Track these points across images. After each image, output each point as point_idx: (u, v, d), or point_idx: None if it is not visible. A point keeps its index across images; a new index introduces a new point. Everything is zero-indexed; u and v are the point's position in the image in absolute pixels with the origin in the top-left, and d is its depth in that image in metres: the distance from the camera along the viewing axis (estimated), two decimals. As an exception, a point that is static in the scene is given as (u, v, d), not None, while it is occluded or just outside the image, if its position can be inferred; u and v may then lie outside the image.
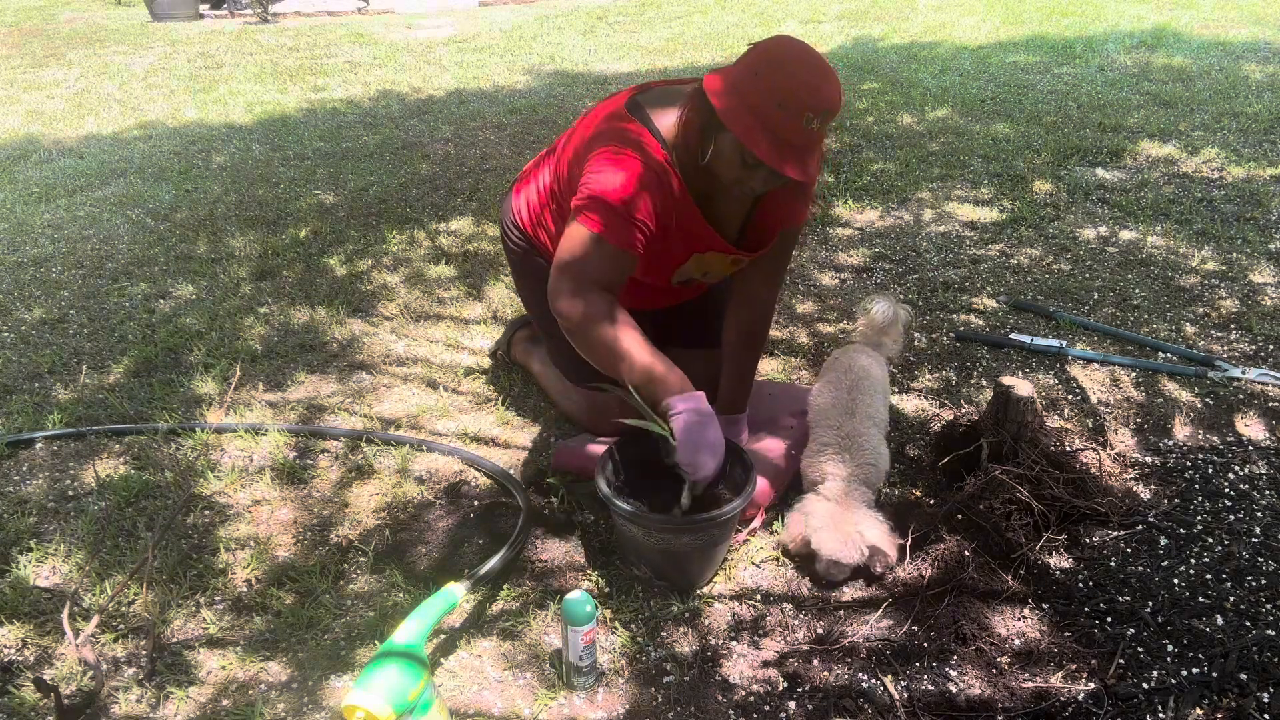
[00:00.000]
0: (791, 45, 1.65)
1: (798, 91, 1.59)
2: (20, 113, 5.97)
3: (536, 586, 1.86)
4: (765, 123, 1.61)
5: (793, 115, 1.60)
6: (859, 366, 2.11)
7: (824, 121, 1.64)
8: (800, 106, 1.59)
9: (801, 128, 1.61)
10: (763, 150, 1.62)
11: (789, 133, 1.61)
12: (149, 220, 3.98)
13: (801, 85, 1.59)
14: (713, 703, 1.59)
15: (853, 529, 1.80)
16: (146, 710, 1.61)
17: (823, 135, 1.67)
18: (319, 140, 5.12)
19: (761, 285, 2.08)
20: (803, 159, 1.65)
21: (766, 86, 1.60)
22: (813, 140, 1.65)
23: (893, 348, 2.28)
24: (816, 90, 1.60)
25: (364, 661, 1.66)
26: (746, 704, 1.58)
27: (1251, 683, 1.56)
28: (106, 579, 1.90)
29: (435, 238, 3.67)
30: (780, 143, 1.63)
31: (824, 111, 1.61)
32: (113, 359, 2.82)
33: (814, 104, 1.60)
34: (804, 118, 1.60)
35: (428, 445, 2.30)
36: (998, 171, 4.08)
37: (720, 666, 1.66)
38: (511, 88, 6.23)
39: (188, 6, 9.81)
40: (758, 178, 1.73)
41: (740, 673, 1.65)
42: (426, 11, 9.81)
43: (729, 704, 1.58)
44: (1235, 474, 2.10)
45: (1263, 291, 2.92)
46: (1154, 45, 6.33)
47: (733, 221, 1.97)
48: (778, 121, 1.61)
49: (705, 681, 1.63)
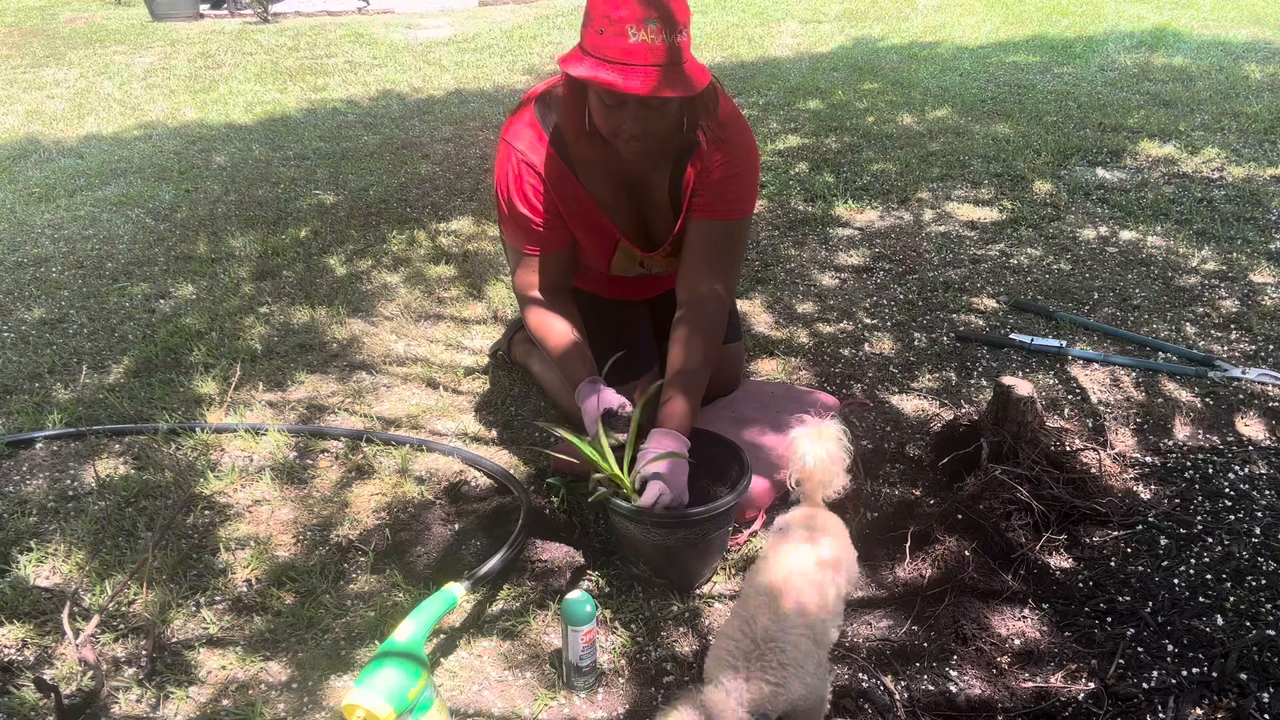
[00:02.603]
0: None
1: (606, 9, 1.58)
2: (20, 113, 5.97)
3: (536, 586, 1.86)
4: (594, 52, 1.61)
5: (613, 34, 1.58)
6: (789, 570, 1.49)
7: (658, 32, 1.57)
8: (614, 21, 1.57)
9: (628, 43, 1.57)
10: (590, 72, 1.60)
11: (616, 53, 1.59)
12: (149, 220, 3.98)
13: (611, 2, 1.57)
14: (713, 703, 1.59)
15: None
16: (146, 710, 1.61)
17: (669, 45, 1.59)
18: (319, 140, 5.12)
19: (699, 280, 1.93)
20: (644, 74, 1.59)
21: (587, 21, 1.62)
22: (655, 54, 1.58)
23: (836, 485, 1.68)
24: (625, 2, 1.56)
25: (364, 661, 1.66)
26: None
27: (1251, 683, 1.55)
28: (106, 579, 1.90)
29: (435, 238, 3.67)
30: (609, 63, 1.60)
31: (645, 20, 1.56)
32: (113, 359, 2.82)
33: (626, 14, 1.56)
34: (625, 31, 1.57)
35: (428, 445, 2.30)
36: (998, 171, 4.08)
37: (720, 666, 1.66)
38: (511, 88, 6.23)
39: (188, 6, 9.81)
40: (625, 114, 1.69)
41: (740, 673, 1.64)
42: (426, 11, 9.81)
43: (729, 704, 1.58)
44: (1235, 474, 2.10)
45: (1263, 291, 2.92)
46: (1154, 45, 6.33)
47: (657, 223, 1.97)
48: (604, 46, 1.59)
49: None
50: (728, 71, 6.28)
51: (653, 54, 1.59)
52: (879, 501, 2.07)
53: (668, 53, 1.60)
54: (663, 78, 1.60)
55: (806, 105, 5.33)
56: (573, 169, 1.87)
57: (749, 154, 1.91)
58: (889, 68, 6.14)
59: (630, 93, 1.59)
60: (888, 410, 2.41)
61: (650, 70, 1.59)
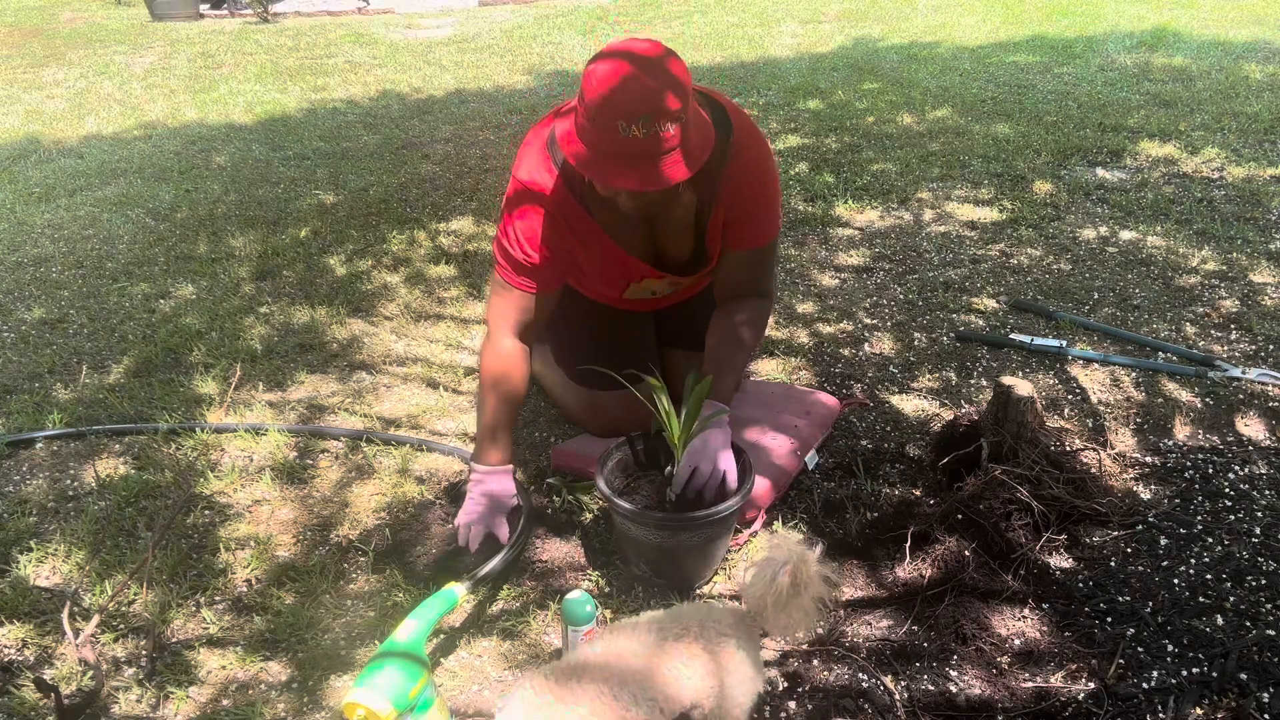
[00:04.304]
0: (603, 58, 1.60)
1: (597, 103, 1.55)
2: (20, 113, 5.97)
3: (536, 586, 1.86)
4: (586, 139, 1.60)
5: (604, 127, 1.56)
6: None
7: (649, 125, 1.53)
8: (606, 116, 1.55)
9: (619, 137, 1.55)
10: (584, 166, 1.62)
11: (608, 145, 1.57)
12: (149, 220, 3.98)
13: (601, 96, 1.55)
14: (713, 703, 1.59)
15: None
16: (146, 710, 1.61)
17: (663, 136, 1.56)
18: (319, 140, 5.12)
19: (739, 293, 2.02)
20: (635, 167, 1.57)
21: (583, 105, 1.59)
22: (645, 146, 1.56)
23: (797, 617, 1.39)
24: (613, 99, 1.54)
25: (364, 661, 1.66)
26: (746, 704, 1.58)
27: (1251, 683, 1.56)
28: (106, 579, 1.90)
29: (435, 237, 3.67)
30: (603, 155, 1.59)
31: (640, 116, 1.52)
32: (113, 359, 2.82)
33: (618, 112, 1.54)
34: (616, 127, 1.55)
35: (428, 445, 2.30)
36: (998, 171, 4.08)
37: (720, 666, 1.66)
38: (511, 88, 6.23)
39: (188, 6, 9.81)
40: (621, 194, 1.70)
41: (740, 673, 1.64)
42: (426, 11, 9.81)
43: (729, 704, 1.58)
44: (1235, 474, 2.10)
45: (1263, 291, 2.92)
46: (1154, 45, 6.33)
47: (678, 245, 1.96)
48: (595, 136, 1.58)
49: (705, 681, 1.63)
50: (727, 71, 6.29)
51: (645, 146, 1.56)
52: (879, 501, 2.07)
53: (662, 143, 1.57)
54: (656, 169, 1.59)
55: (806, 105, 5.34)
56: (584, 204, 1.86)
57: (767, 184, 1.91)
58: (889, 68, 6.14)
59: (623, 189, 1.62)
60: (888, 410, 2.41)
61: (643, 163, 1.58)
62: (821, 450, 2.24)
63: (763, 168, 1.89)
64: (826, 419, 2.27)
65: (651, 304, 2.22)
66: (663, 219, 1.89)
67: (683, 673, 1.30)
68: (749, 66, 6.44)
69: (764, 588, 1.35)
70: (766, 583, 1.35)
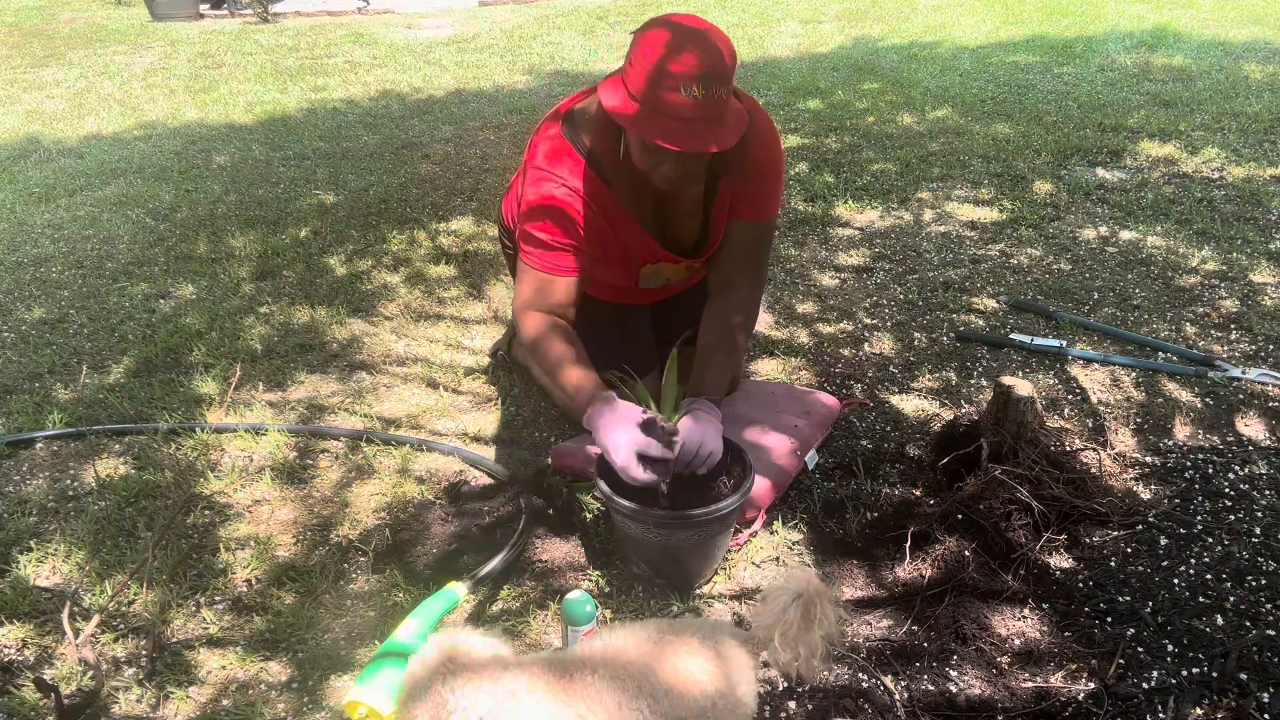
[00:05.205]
0: (663, 21, 1.63)
1: (663, 63, 1.58)
2: (20, 113, 5.97)
3: (536, 586, 1.86)
4: (644, 102, 1.62)
5: (664, 87, 1.58)
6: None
7: (708, 87, 1.58)
8: (669, 75, 1.57)
9: (680, 97, 1.58)
10: (636, 125, 1.62)
11: (666, 105, 1.60)
12: (149, 220, 3.98)
13: (662, 56, 1.58)
14: (713, 703, 1.58)
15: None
16: (146, 710, 1.61)
17: (717, 100, 1.61)
18: (319, 140, 5.12)
19: (734, 273, 2.04)
20: (690, 130, 1.61)
21: (639, 68, 1.61)
22: (702, 109, 1.60)
23: (804, 652, 1.30)
24: (676, 58, 1.57)
25: (364, 661, 1.66)
26: (746, 704, 1.58)
27: (1251, 683, 1.55)
28: (106, 579, 1.90)
29: (435, 238, 3.67)
30: (659, 115, 1.61)
31: (700, 77, 1.56)
32: (113, 359, 2.82)
33: (683, 70, 1.57)
34: (678, 86, 1.57)
35: (428, 445, 2.30)
36: (998, 171, 4.08)
37: (720, 666, 1.66)
38: (511, 88, 6.23)
39: (188, 6, 9.82)
40: (666, 160, 1.72)
41: (740, 673, 1.64)
42: (426, 11, 9.81)
43: (729, 704, 1.58)
44: (1235, 474, 2.10)
45: (1263, 291, 2.92)
46: (1154, 45, 6.33)
47: (686, 227, 1.99)
48: (654, 98, 1.60)
49: (705, 681, 1.63)
50: (728, 71, 6.28)
51: (703, 109, 1.60)
52: (879, 501, 2.07)
53: (717, 106, 1.62)
54: (710, 133, 1.63)
55: (806, 105, 5.34)
56: (611, 188, 1.88)
57: (777, 158, 1.97)
58: (889, 68, 6.14)
59: (679, 150, 1.62)
60: (888, 410, 2.41)
61: (698, 125, 1.61)
62: (821, 450, 2.24)
63: (772, 140, 1.95)
64: (826, 419, 2.27)
65: (660, 294, 2.22)
66: (676, 198, 1.92)
67: (690, 667, 1.27)
68: (749, 66, 6.44)
69: (774, 618, 1.29)
70: (777, 613, 1.29)
